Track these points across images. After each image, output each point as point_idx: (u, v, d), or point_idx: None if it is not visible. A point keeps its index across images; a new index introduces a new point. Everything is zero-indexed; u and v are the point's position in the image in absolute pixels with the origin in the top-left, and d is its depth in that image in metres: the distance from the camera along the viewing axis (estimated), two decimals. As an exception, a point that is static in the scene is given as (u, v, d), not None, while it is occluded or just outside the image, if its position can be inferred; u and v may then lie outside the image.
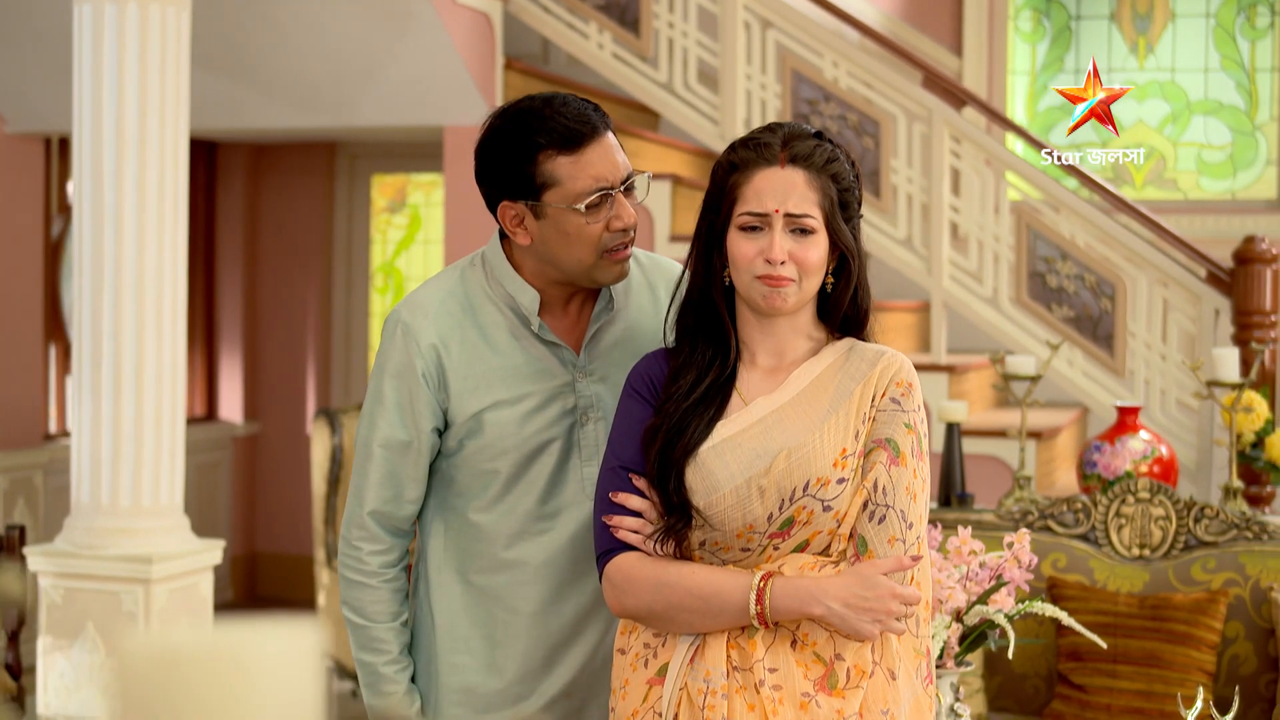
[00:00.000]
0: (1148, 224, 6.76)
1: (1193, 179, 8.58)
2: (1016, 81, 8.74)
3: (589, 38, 7.29)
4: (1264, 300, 6.28)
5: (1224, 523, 5.07)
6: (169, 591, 5.19)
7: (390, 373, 2.90)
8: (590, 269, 2.86)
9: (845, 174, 2.70)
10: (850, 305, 2.75)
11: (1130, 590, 5.04)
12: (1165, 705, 4.82)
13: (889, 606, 2.58)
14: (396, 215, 9.52)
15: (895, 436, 2.65)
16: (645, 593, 2.64)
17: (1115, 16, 8.65)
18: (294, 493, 9.30)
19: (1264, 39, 8.49)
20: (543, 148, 2.81)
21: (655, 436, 2.70)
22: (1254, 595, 4.99)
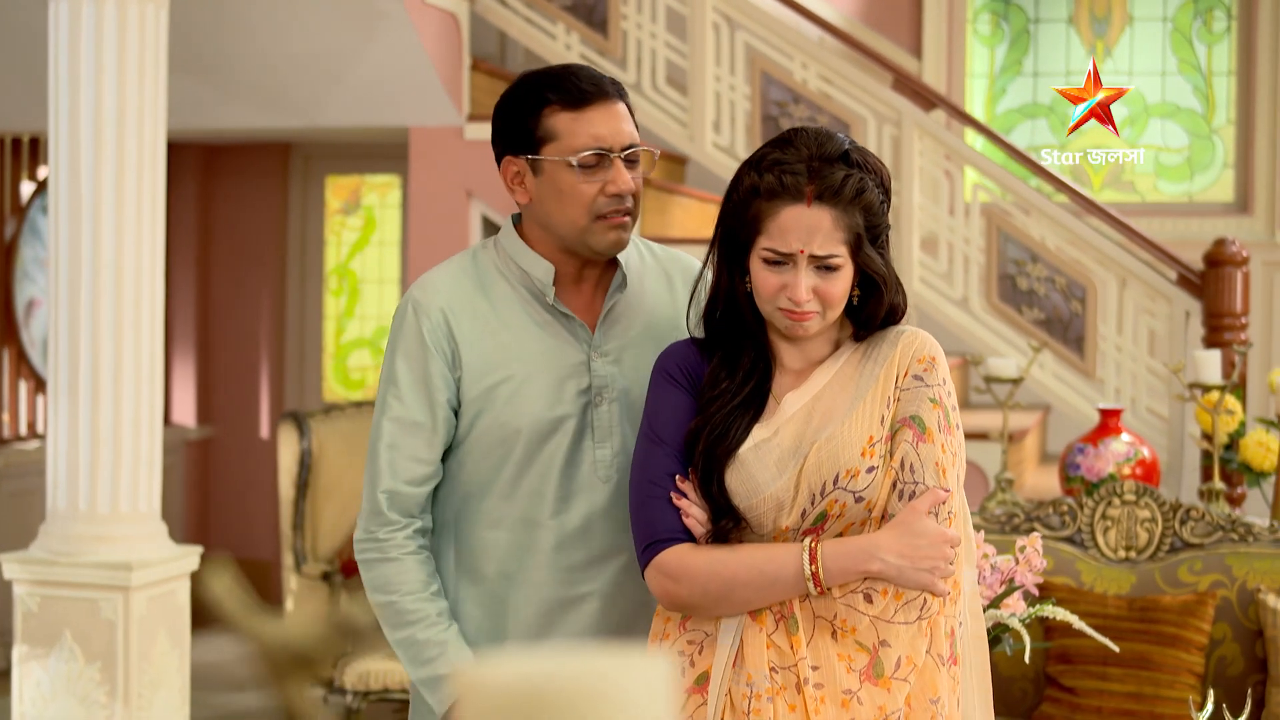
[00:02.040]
0: (1118, 226, 6.78)
1: (1150, 182, 8.63)
2: (975, 84, 8.76)
3: (556, 38, 7.25)
4: (1235, 302, 6.31)
5: (1210, 524, 5.08)
6: (148, 599, 5.12)
7: (402, 351, 2.86)
8: (583, 232, 2.83)
9: (874, 202, 2.64)
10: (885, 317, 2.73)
11: (1118, 592, 5.04)
12: (1155, 707, 4.82)
13: (944, 551, 2.56)
14: (351, 217, 9.45)
15: (920, 413, 2.62)
16: (700, 578, 2.60)
17: (1073, 19, 8.68)
18: (249, 497, 9.20)
19: (1220, 43, 8.54)
20: (549, 103, 2.81)
21: (698, 438, 2.67)
22: (1241, 597, 5.01)
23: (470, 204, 7.12)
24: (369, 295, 9.41)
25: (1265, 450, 5.66)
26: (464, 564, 2.93)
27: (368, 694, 6.04)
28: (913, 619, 2.59)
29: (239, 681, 7.40)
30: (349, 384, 9.44)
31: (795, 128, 2.73)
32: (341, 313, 9.44)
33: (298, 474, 6.45)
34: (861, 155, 2.66)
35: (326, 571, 6.14)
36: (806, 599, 2.60)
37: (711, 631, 2.67)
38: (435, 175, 7.12)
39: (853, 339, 2.74)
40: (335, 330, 9.45)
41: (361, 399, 9.18)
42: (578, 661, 0.80)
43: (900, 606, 2.58)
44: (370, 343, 9.42)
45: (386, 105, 7.02)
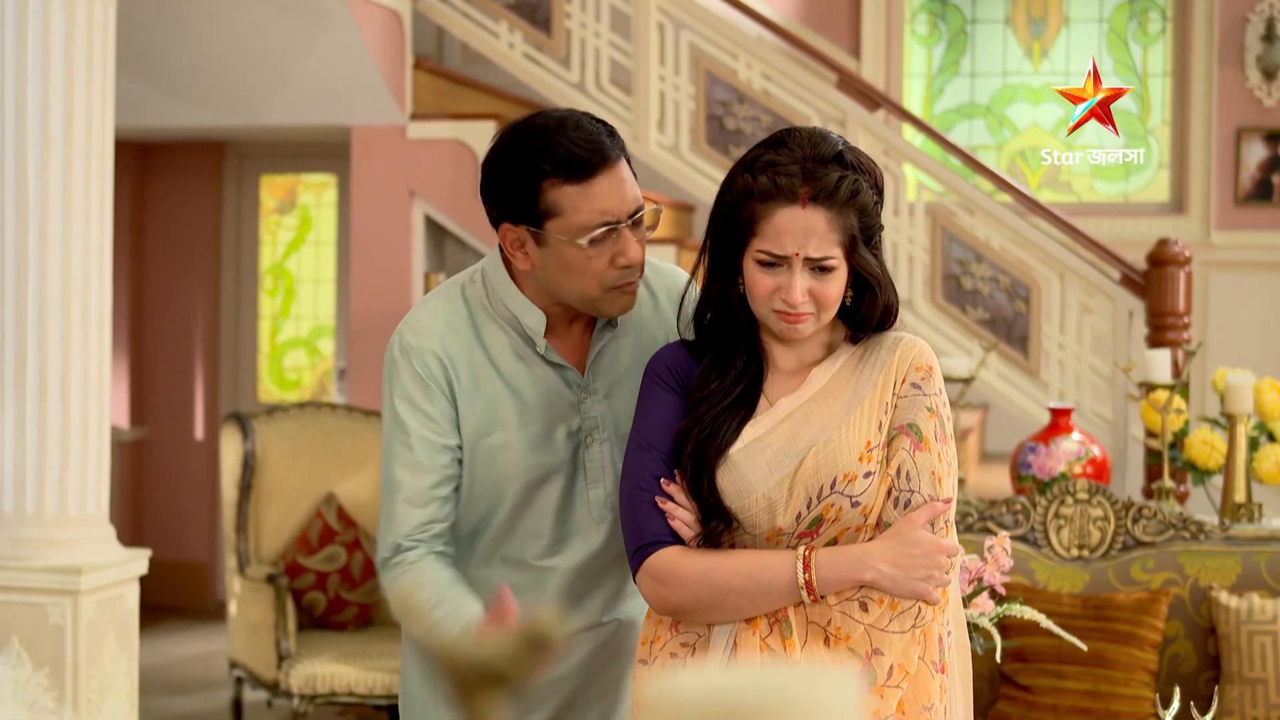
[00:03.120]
0: (1062, 227, 6.82)
1: (1086, 182, 8.69)
2: (913, 84, 8.79)
3: (499, 37, 7.22)
4: (1178, 302, 6.35)
5: (1162, 523, 5.12)
6: (96, 603, 5.05)
7: (400, 395, 2.78)
8: (594, 301, 2.76)
9: (869, 203, 2.62)
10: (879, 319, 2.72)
11: (1072, 591, 5.07)
12: (1111, 705, 4.85)
13: (938, 561, 2.55)
14: (287, 216, 9.37)
15: (918, 421, 2.61)
16: (692, 583, 2.58)
17: (1010, 20, 8.73)
18: (183, 499, 9.12)
19: (1156, 44, 8.61)
20: (548, 174, 2.67)
21: (687, 439, 2.65)
22: (1193, 594, 5.05)
23: (413, 203, 7.08)
24: (305, 295, 9.34)
25: (1210, 449, 5.70)
26: None
27: (315, 697, 5.99)
28: (907, 628, 2.58)
29: (180, 684, 7.32)
30: (285, 384, 9.36)
31: (788, 128, 2.71)
32: (277, 313, 9.37)
33: (241, 475, 6.39)
34: (855, 156, 2.64)
35: (271, 574, 6.08)
36: (800, 605, 2.59)
37: (704, 634, 2.65)
38: (378, 174, 7.08)
39: (847, 341, 2.73)
40: (270, 330, 9.37)
41: (301, 399, 9.11)
42: (767, 673, 0.78)
43: (895, 616, 2.57)
44: (306, 343, 9.35)
45: (329, 104, 6.97)
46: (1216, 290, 8.26)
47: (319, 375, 9.35)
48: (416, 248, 7.13)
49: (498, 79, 7.87)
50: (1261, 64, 8.25)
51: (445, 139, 7.04)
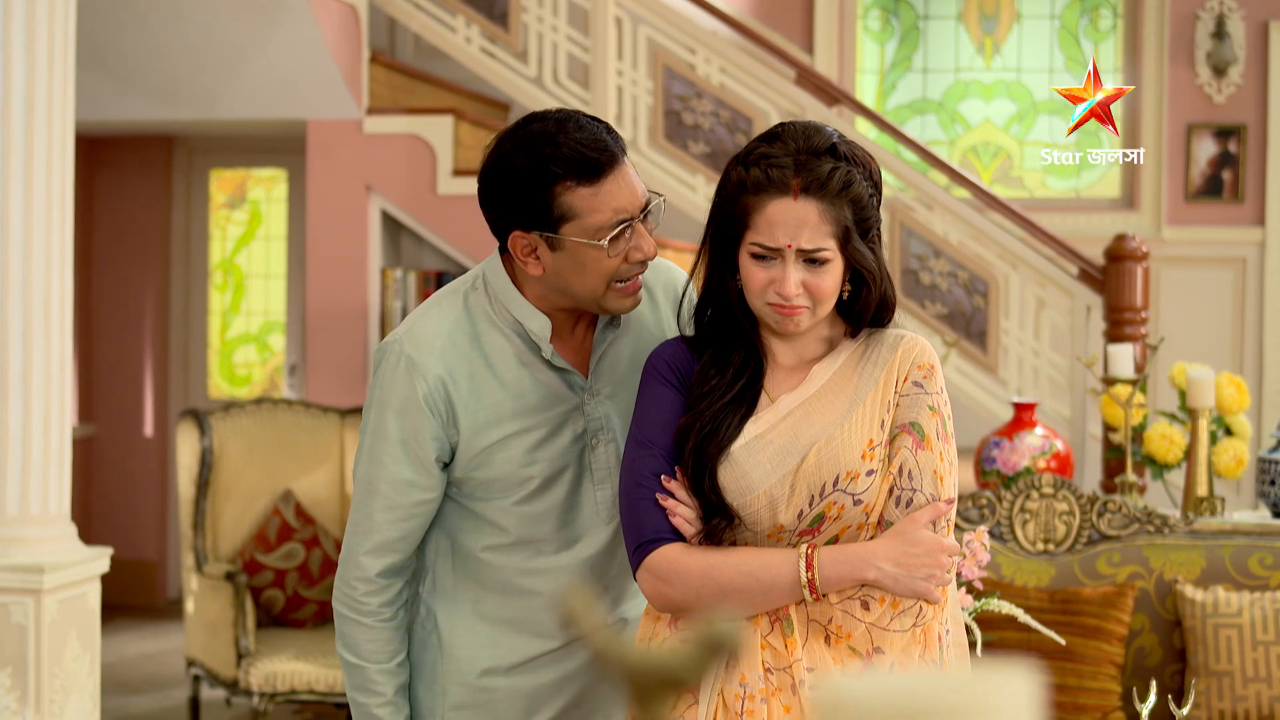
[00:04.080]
0: (1020, 222, 6.85)
1: (1039, 178, 8.73)
2: (865, 79, 8.80)
3: (456, 31, 7.19)
4: (1135, 297, 6.38)
5: (1127, 517, 5.14)
6: (59, 602, 5.00)
7: (395, 409, 2.77)
8: (601, 298, 2.76)
9: (863, 195, 2.61)
10: (876, 312, 2.72)
11: (1038, 585, 5.09)
12: (1078, 698, 4.87)
13: (939, 560, 2.55)
14: (236, 211, 9.31)
15: (920, 420, 2.62)
16: (693, 580, 2.57)
17: (962, 16, 8.75)
18: (134, 497, 9.04)
19: (1106, 40, 8.65)
20: (560, 178, 2.67)
21: (688, 435, 2.64)
22: (1158, 588, 5.08)
23: (370, 198, 7.04)
24: (255, 290, 9.28)
25: (1169, 443, 5.73)
26: (463, 598, 2.90)
27: (274, 695, 5.95)
28: (908, 627, 2.58)
29: (134, 683, 7.26)
30: (235, 380, 9.30)
31: (784, 122, 2.71)
32: (227, 308, 9.30)
33: (198, 473, 6.34)
34: (850, 148, 2.64)
35: (230, 571, 6.03)
36: (802, 603, 2.59)
37: (703, 629, 2.64)
38: (334, 169, 7.04)
39: (846, 336, 2.73)
40: (221, 326, 9.31)
41: (252, 395, 9.05)
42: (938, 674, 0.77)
43: (896, 614, 2.57)
44: (256, 339, 9.29)
45: (285, 98, 6.93)
46: (1167, 285, 8.31)
47: (270, 371, 9.29)
48: (373, 243, 7.09)
49: (453, 73, 7.84)
50: (1212, 61, 8.31)
51: (402, 134, 7.00)
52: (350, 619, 2.85)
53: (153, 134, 8.88)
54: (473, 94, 7.80)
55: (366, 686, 2.85)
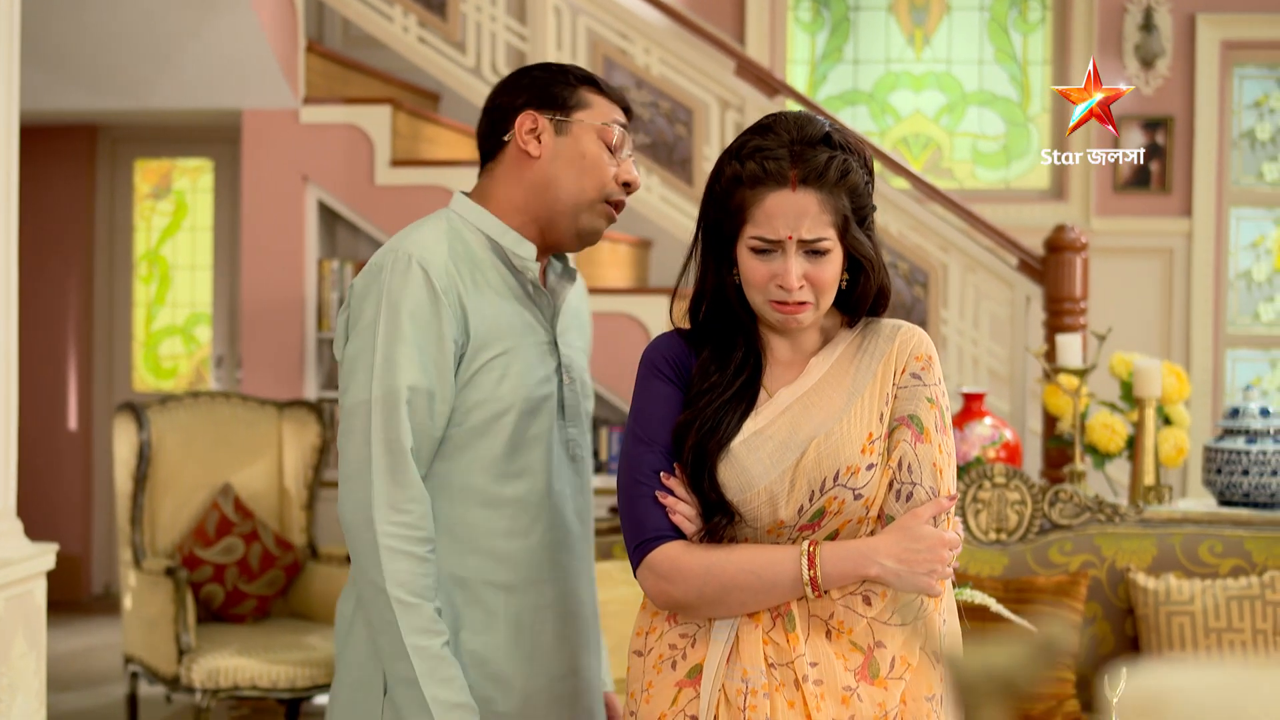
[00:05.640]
0: (960, 213, 6.87)
1: (968, 169, 8.77)
2: (796, 70, 8.82)
3: (393, 20, 7.13)
4: (1075, 287, 6.42)
5: (1078, 506, 5.18)
6: (6, 600, 4.91)
7: (409, 311, 2.73)
8: (583, 208, 2.87)
9: (859, 183, 2.61)
10: (875, 301, 2.71)
11: (991, 574, 5.12)
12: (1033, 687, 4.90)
13: (941, 555, 2.55)
14: (161, 201, 9.19)
15: (918, 412, 2.61)
16: (695, 579, 2.56)
17: (893, 8, 8.78)
18: (58, 491, 8.92)
19: (1036, 32, 8.71)
20: (585, 80, 2.89)
21: (688, 432, 2.62)
22: (1110, 576, 5.11)
23: (306, 188, 6.97)
24: (180, 282, 9.17)
25: (1111, 432, 5.78)
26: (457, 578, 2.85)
27: (217, 692, 5.88)
28: (909, 620, 2.58)
29: (67, 680, 7.16)
30: (160, 373, 9.19)
31: (774, 113, 2.69)
32: (152, 300, 9.19)
33: (136, 467, 6.25)
34: (843, 136, 2.63)
35: (170, 567, 5.95)
36: (803, 599, 2.58)
37: (704, 626, 2.63)
38: (269, 159, 6.96)
39: (842, 327, 2.72)
40: (146, 318, 9.19)
41: (178, 388, 8.95)
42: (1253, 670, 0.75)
43: (897, 609, 2.57)
44: (182, 330, 9.19)
45: (220, 87, 6.84)
46: (1096, 276, 8.37)
47: (196, 363, 9.19)
48: (309, 234, 7.02)
49: (385, 62, 7.78)
50: (1140, 53, 8.38)
51: (339, 123, 6.94)
52: (405, 553, 2.70)
53: (77, 124, 8.76)
54: (404, 83, 7.74)
55: (428, 627, 2.71)
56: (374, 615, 2.72)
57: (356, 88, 7.44)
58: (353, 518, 2.74)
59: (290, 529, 6.52)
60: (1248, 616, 4.89)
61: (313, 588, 6.45)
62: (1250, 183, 8.61)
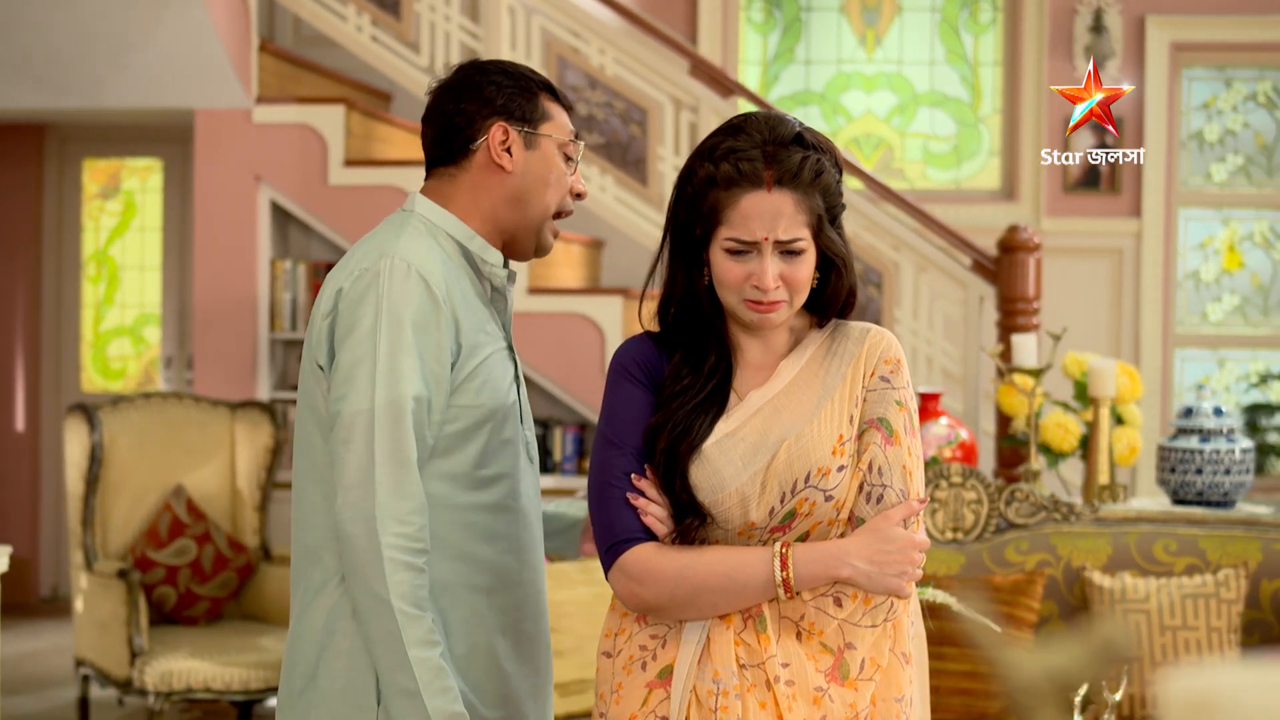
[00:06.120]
0: (914, 213, 6.89)
1: (919, 169, 8.80)
2: (748, 71, 8.83)
3: (347, 20, 7.10)
4: (1028, 288, 6.46)
5: (1034, 505, 5.20)
6: (-42, 602, 4.87)
7: (412, 320, 2.72)
8: (544, 223, 2.91)
9: (832, 182, 2.62)
10: (845, 301, 2.72)
11: (949, 573, 5.14)
12: (991, 685, 4.92)
13: (912, 556, 2.56)
14: (110, 201, 9.13)
15: (888, 415, 2.62)
16: (667, 581, 2.56)
17: (844, 9, 8.80)
18: (7, 493, 8.85)
19: (986, 33, 8.75)
20: (545, 87, 2.91)
21: (659, 435, 2.62)
22: (1066, 575, 5.14)
23: (259, 188, 6.94)
24: (129, 282, 9.11)
25: (1064, 432, 5.80)
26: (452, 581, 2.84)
27: (170, 694, 5.85)
28: (879, 621, 2.59)
29: (15, 684, 7.10)
30: (109, 374, 9.13)
31: (744, 114, 2.69)
32: (100, 300, 9.13)
33: (87, 468, 6.21)
34: (814, 136, 2.63)
35: (122, 569, 5.91)
36: (775, 600, 2.58)
37: (674, 627, 2.62)
38: (222, 159, 6.92)
39: (812, 328, 2.72)
40: (94, 319, 9.13)
41: (127, 389, 8.89)
42: None
43: (868, 610, 2.58)
44: (131, 331, 9.12)
45: (172, 86, 6.80)
46: (1046, 276, 8.42)
47: (145, 364, 9.13)
48: (262, 234, 6.98)
49: (340, 62, 7.75)
50: (1090, 54, 8.43)
51: (292, 123, 6.91)
52: (408, 565, 2.68)
53: (25, 123, 8.69)
54: (356, 83, 7.71)
55: (428, 638, 2.69)
56: (374, 627, 2.69)
57: (308, 87, 7.41)
58: (353, 528, 2.69)
59: (243, 530, 6.49)
60: (1202, 614, 4.92)
61: (266, 589, 6.43)
62: (1199, 183, 8.67)
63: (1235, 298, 8.69)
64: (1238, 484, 5.32)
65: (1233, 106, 8.63)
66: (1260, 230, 8.66)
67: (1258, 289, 8.67)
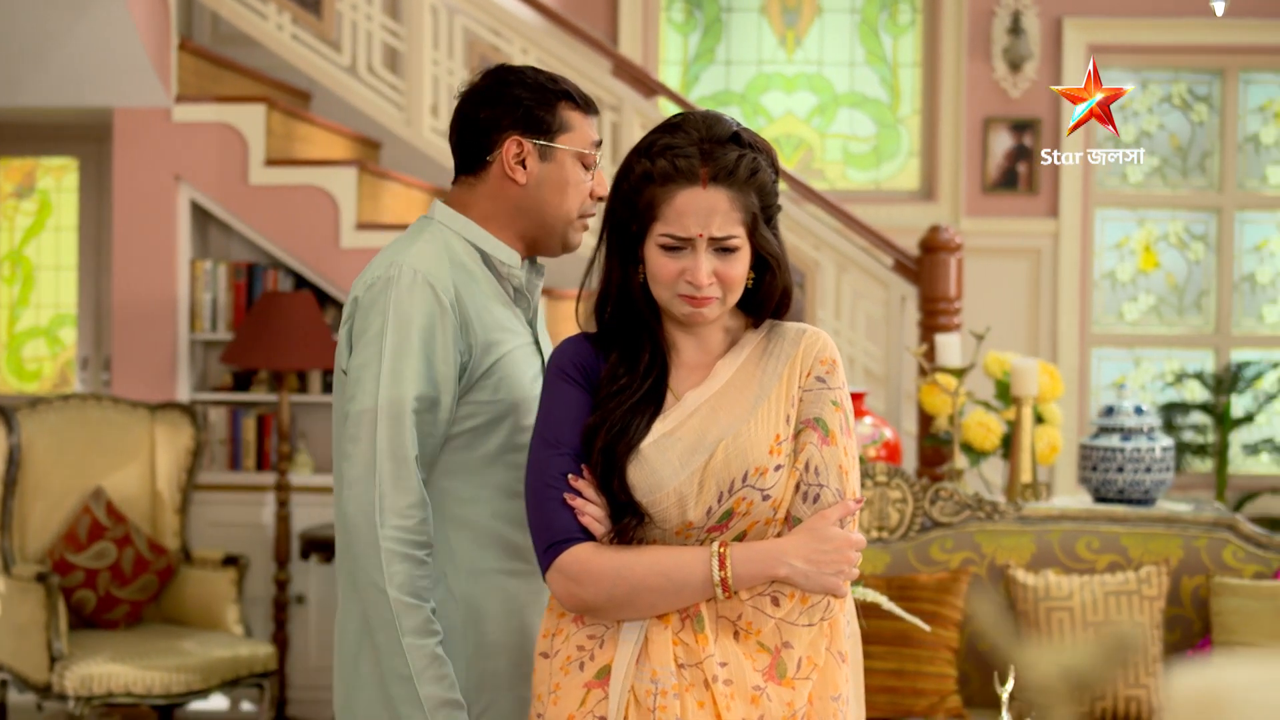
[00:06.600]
0: (836, 214, 6.92)
1: (839, 170, 8.84)
2: (669, 71, 8.84)
3: (267, 18, 7.05)
4: (949, 287, 6.50)
5: (958, 504, 5.24)
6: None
7: (420, 326, 2.83)
8: (567, 227, 2.98)
9: (767, 181, 2.65)
10: (779, 301, 2.73)
11: (874, 572, 5.16)
12: (916, 683, 4.95)
13: (848, 555, 2.59)
14: (25, 201, 9.02)
15: (824, 415, 2.64)
16: (605, 581, 2.57)
17: (765, 9, 8.83)
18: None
19: (906, 35, 8.80)
20: (567, 96, 2.95)
21: (597, 434, 2.62)
22: (991, 573, 5.18)
23: (179, 187, 6.88)
24: (45, 283, 9.01)
25: (986, 431, 5.85)
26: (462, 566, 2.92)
27: (91, 699, 5.79)
28: (815, 620, 2.61)
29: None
30: (24, 375, 9.02)
31: (681, 113, 2.71)
32: (15, 301, 9.02)
33: (5, 471, 6.14)
34: (750, 135, 2.66)
35: (41, 573, 5.85)
36: (712, 600, 2.59)
37: (612, 628, 2.63)
38: (141, 158, 6.86)
39: (748, 329, 2.73)
40: (8, 320, 9.02)
41: (43, 390, 8.80)
42: None
43: (805, 610, 2.60)
44: (46, 332, 9.02)
45: (91, 85, 6.72)
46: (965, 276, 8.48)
47: (60, 366, 9.03)
48: (182, 234, 6.92)
49: (259, 60, 7.69)
50: (1008, 56, 8.49)
51: (213, 122, 6.85)
52: (407, 556, 2.80)
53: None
54: (275, 82, 7.66)
55: (427, 628, 2.80)
56: (372, 614, 2.81)
57: (228, 86, 7.35)
58: (356, 519, 2.81)
59: (163, 533, 6.44)
60: (1125, 611, 4.97)
61: (186, 592, 6.37)
62: (1115, 184, 8.75)
63: (1151, 297, 8.78)
64: (1158, 482, 5.38)
65: (1148, 108, 8.73)
66: (1175, 231, 8.76)
67: (1173, 289, 8.77)
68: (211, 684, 6.01)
